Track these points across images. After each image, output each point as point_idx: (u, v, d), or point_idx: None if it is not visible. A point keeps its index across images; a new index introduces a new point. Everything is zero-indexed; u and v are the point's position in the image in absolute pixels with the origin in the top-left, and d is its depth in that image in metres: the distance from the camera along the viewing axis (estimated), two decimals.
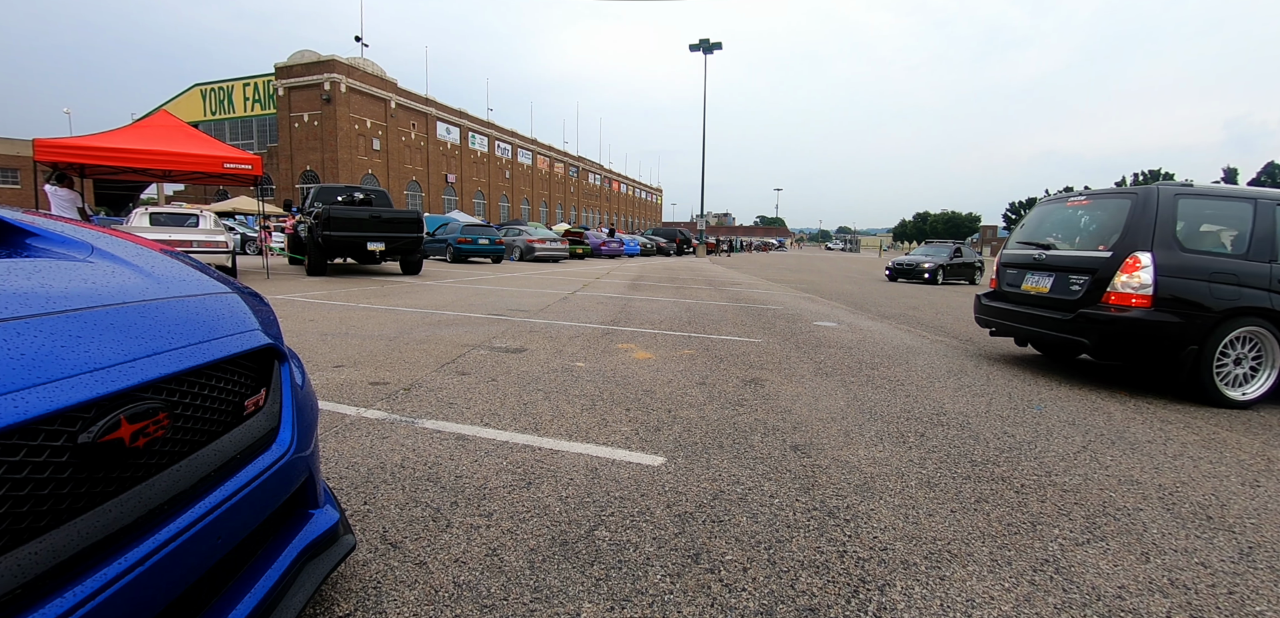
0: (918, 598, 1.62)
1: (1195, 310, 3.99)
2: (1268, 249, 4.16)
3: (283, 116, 43.29)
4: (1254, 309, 4.01)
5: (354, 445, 2.58)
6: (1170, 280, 4.04)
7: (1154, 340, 4.03)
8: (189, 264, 1.31)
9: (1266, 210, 4.25)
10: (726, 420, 3.12)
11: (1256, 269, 4.09)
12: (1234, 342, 4.06)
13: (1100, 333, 4.18)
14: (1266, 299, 4.05)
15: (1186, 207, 4.31)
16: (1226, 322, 3.99)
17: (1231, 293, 4.02)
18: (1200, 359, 3.98)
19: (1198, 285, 4.04)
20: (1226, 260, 4.14)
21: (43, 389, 0.75)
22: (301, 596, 1.15)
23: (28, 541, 0.72)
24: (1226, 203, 4.43)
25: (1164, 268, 4.05)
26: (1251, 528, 2.14)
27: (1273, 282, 4.10)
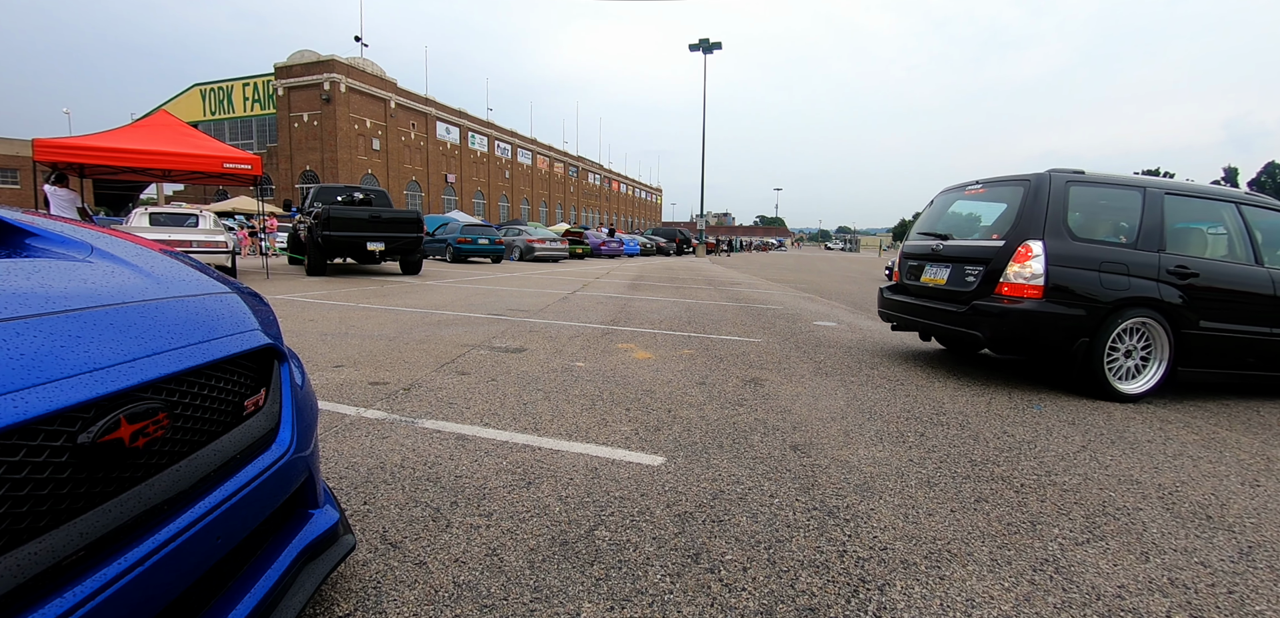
0: (918, 598, 1.62)
1: (1086, 301, 3.91)
2: (1156, 239, 4.10)
3: (282, 116, 43.28)
4: (1143, 300, 3.95)
5: (354, 445, 2.58)
6: (1061, 270, 3.94)
7: (1046, 332, 3.93)
8: (189, 264, 1.31)
9: (1155, 200, 4.19)
10: (726, 420, 3.12)
11: (1145, 259, 4.03)
12: (1124, 333, 3.99)
13: (993, 325, 4.05)
14: (1155, 290, 3.98)
15: (1079, 194, 4.22)
16: (1117, 313, 3.92)
17: (1121, 283, 3.95)
18: (1091, 351, 3.91)
19: (1089, 276, 3.95)
20: (1117, 250, 4.07)
21: (42, 389, 0.75)
22: (301, 596, 1.15)
23: (28, 541, 0.72)
24: (1117, 191, 4.33)
25: (1055, 257, 3.95)
26: (1251, 528, 2.14)
27: (1160, 272, 4.03)
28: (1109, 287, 3.93)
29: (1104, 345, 3.91)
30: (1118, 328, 3.93)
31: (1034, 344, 4.01)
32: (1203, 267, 4.11)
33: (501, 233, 21.18)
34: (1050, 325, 3.90)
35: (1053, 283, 3.92)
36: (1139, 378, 4.03)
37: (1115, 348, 3.99)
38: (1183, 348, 4.01)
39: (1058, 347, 3.95)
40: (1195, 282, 4.04)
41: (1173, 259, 4.06)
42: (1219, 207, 4.41)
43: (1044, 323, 3.91)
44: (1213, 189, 4.52)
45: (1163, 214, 4.15)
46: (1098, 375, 3.92)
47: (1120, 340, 3.99)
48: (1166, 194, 4.23)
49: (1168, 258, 4.06)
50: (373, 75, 44.31)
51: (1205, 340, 4.05)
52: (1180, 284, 4.02)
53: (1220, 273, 4.15)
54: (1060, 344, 3.94)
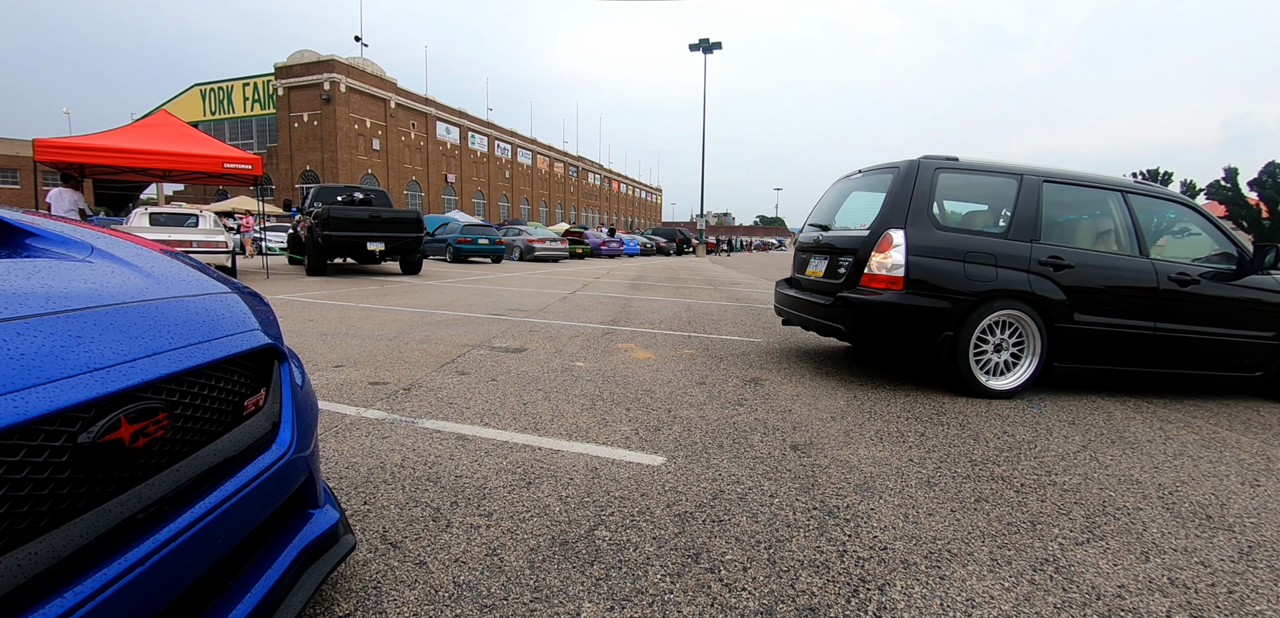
0: (918, 597, 1.62)
1: (949, 293, 3.73)
2: (1029, 228, 3.91)
3: (282, 116, 43.30)
4: (1012, 292, 3.77)
5: (354, 445, 2.58)
6: (922, 261, 3.75)
7: (907, 326, 3.77)
8: (189, 264, 1.31)
9: (1031, 187, 4.00)
10: (726, 420, 3.12)
11: (1017, 250, 3.84)
12: (993, 327, 3.83)
13: (854, 319, 3.89)
14: (1026, 282, 3.80)
15: (948, 182, 4.05)
16: (983, 305, 3.75)
17: (988, 274, 3.76)
18: (956, 346, 3.75)
19: (952, 267, 3.76)
20: (986, 240, 3.89)
21: (42, 389, 0.75)
22: (301, 596, 1.15)
23: (28, 541, 0.72)
24: (992, 179, 4.15)
25: (916, 248, 3.76)
26: (1251, 527, 2.14)
27: (1032, 263, 3.84)
28: (974, 278, 3.75)
29: (969, 340, 3.76)
30: (985, 321, 3.77)
31: (895, 338, 3.85)
32: (1079, 258, 3.93)
33: (501, 233, 21.19)
34: (910, 318, 3.74)
35: (913, 274, 3.73)
36: (1010, 374, 3.88)
37: (984, 342, 3.84)
38: (1057, 342, 3.85)
39: (920, 341, 3.79)
40: (1071, 274, 3.87)
41: (1046, 250, 3.88)
42: (1105, 195, 4.23)
43: (904, 316, 3.74)
44: (1097, 177, 4.29)
45: (1039, 203, 3.96)
46: (963, 371, 3.77)
47: (989, 334, 3.84)
48: (1045, 182, 4.04)
49: (1041, 249, 3.88)
50: (373, 75, 44.32)
51: (1082, 335, 3.88)
52: (1054, 276, 3.85)
53: (1098, 265, 3.98)
54: (922, 338, 3.77)
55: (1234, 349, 4.08)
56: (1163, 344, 3.99)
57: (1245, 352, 4.10)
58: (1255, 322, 4.08)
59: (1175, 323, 3.99)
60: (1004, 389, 3.82)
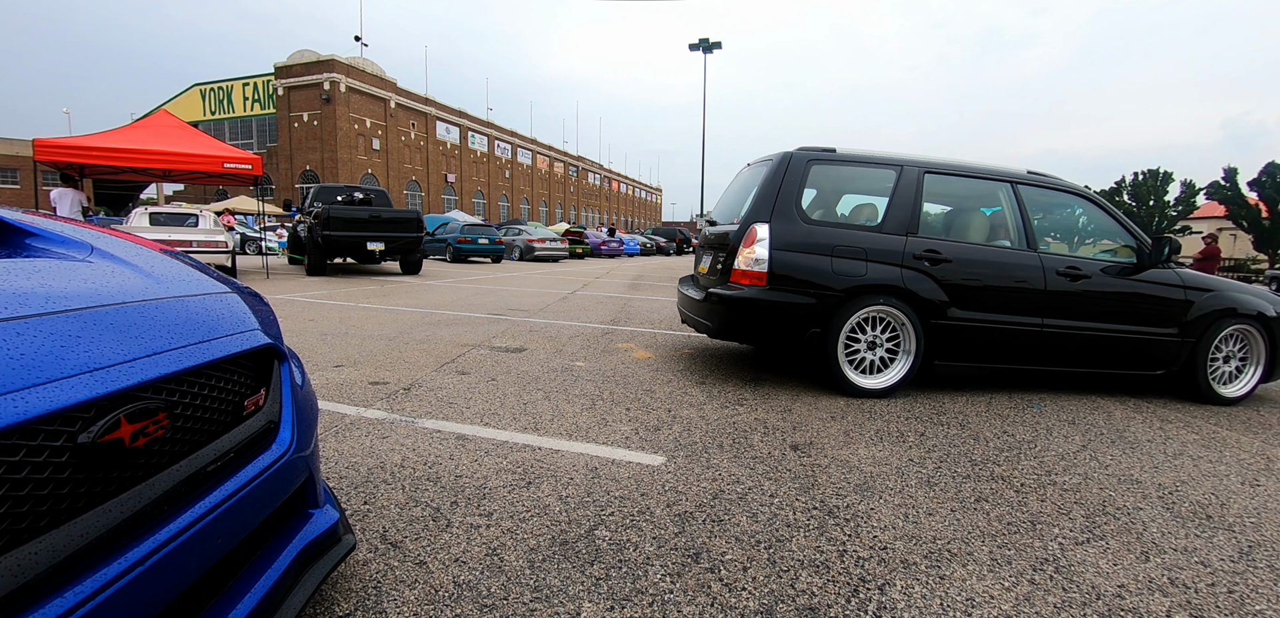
0: (918, 597, 1.62)
1: (816, 289, 3.60)
2: (905, 221, 3.76)
3: (282, 116, 43.29)
4: (884, 288, 3.63)
5: (354, 445, 2.58)
6: (787, 255, 3.62)
7: (771, 322, 3.64)
8: (189, 264, 1.31)
9: (910, 179, 3.84)
10: (726, 420, 3.12)
11: (890, 243, 3.70)
12: (866, 323, 3.70)
13: (720, 315, 3.75)
14: (898, 276, 3.64)
15: (821, 174, 3.92)
16: (852, 301, 3.61)
17: (857, 269, 3.62)
18: (825, 343, 3.62)
19: (819, 261, 3.62)
20: (857, 233, 3.75)
21: (42, 389, 0.75)
22: (301, 596, 1.15)
23: (28, 541, 0.72)
24: (870, 170, 4.00)
25: (781, 242, 3.63)
26: (1251, 527, 2.14)
27: (907, 258, 3.68)
28: (842, 273, 3.61)
29: (839, 336, 3.62)
30: (855, 317, 3.64)
31: (760, 334, 3.73)
32: (958, 252, 3.78)
33: (501, 233, 21.18)
34: (774, 314, 3.63)
35: (777, 269, 3.61)
36: (886, 371, 3.75)
37: (856, 339, 3.71)
38: (935, 339, 3.72)
39: (786, 337, 3.67)
40: (948, 268, 3.72)
41: (922, 244, 3.73)
42: (993, 186, 4.07)
43: (767, 312, 3.63)
44: (986, 167, 4.09)
45: (918, 194, 3.81)
46: (834, 369, 3.65)
47: (862, 331, 3.71)
48: (927, 172, 3.88)
49: (916, 242, 3.73)
50: (373, 75, 44.31)
51: (962, 331, 3.74)
52: (930, 271, 3.70)
53: (978, 259, 3.81)
54: (789, 335, 3.66)
55: (1133, 346, 3.94)
56: (1053, 341, 3.85)
57: (1146, 349, 3.95)
58: (1156, 318, 3.95)
59: (1066, 319, 3.85)
60: (876, 388, 3.67)
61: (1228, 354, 4.10)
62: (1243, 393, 4.06)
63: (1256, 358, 4.10)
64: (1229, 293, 4.04)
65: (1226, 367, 4.10)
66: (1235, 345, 4.11)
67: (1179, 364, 4.00)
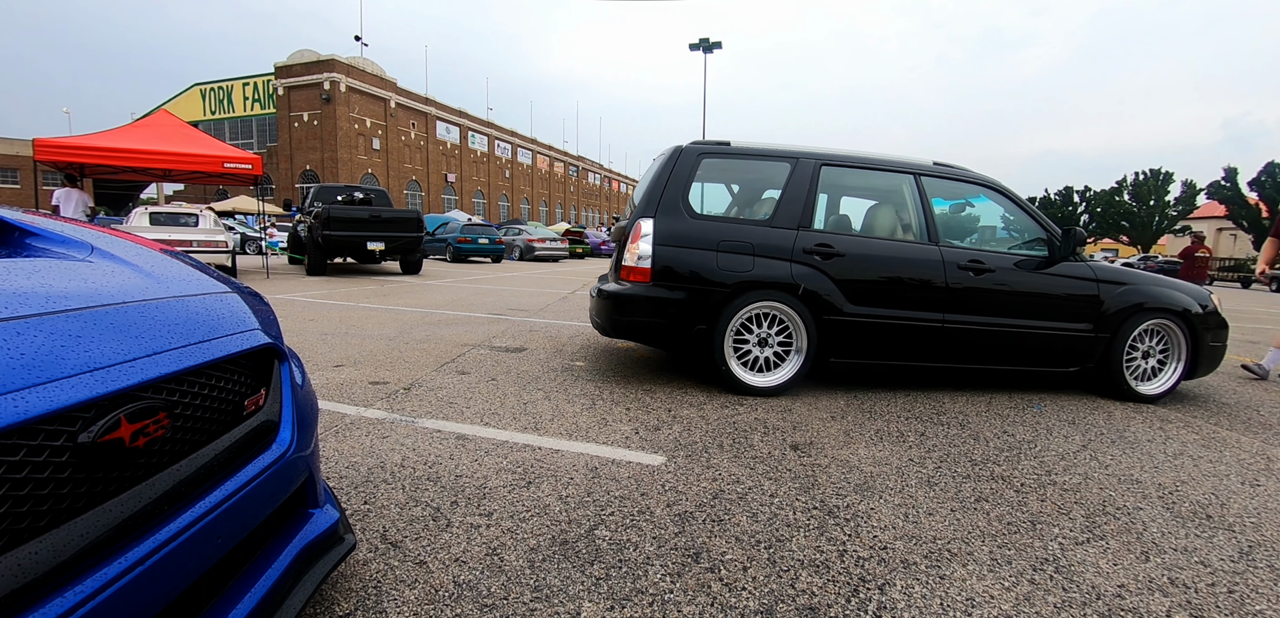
0: (918, 597, 1.62)
1: (700, 284, 3.50)
2: (796, 214, 3.65)
3: (282, 116, 43.28)
4: (772, 283, 3.52)
5: (354, 445, 2.58)
6: (670, 251, 3.53)
7: (655, 318, 3.55)
8: (189, 264, 1.31)
9: (805, 171, 3.72)
10: (726, 419, 3.12)
11: (779, 238, 3.59)
12: (756, 320, 3.60)
13: (607, 314, 3.65)
14: (787, 271, 3.53)
15: (711, 167, 3.82)
16: (740, 297, 3.52)
17: (744, 264, 3.52)
18: (711, 339, 3.54)
19: (703, 256, 3.52)
20: (744, 228, 3.64)
21: (42, 389, 0.75)
22: (301, 595, 1.15)
23: (28, 540, 0.72)
24: (765, 163, 3.90)
25: (665, 237, 3.54)
26: (1251, 527, 2.14)
27: (796, 252, 3.58)
28: (728, 268, 3.52)
29: (725, 333, 3.53)
30: (742, 314, 3.55)
31: (646, 332, 3.63)
32: (851, 246, 3.68)
33: (501, 232, 21.19)
34: (658, 311, 3.53)
35: (660, 265, 3.52)
36: (779, 369, 3.65)
37: (745, 336, 3.62)
38: (829, 336, 3.61)
39: (672, 334, 3.58)
40: (841, 263, 3.62)
41: (813, 237, 3.63)
42: (896, 178, 3.95)
43: (651, 308, 3.53)
44: (887, 158, 3.97)
45: (813, 187, 3.70)
46: (722, 367, 3.56)
47: (752, 327, 3.61)
48: (823, 165, 3.78)
49: (807, 236, 3.63)
50: (373, 75, 44.30)
51: (856, 328, 3.62)
52: (822, 265, 3.60)
53: (873, 253, 3.70)
54: (674, 332, 3.57)
55: (1044, 342, 3.82)
56: (956, 337, 3.73)
57: (1058, 345, 3.83)
58: (1067, 313, 3.84)
59: (970, 315, 3.73)
60: (767, 386, 3.58)
61: (1147, 350, 3.98)
62: (1162, 390, 3.94)
63: (1177, 354, 3.98)
64: (1143, 287, 3.92)
65: (1146, 363, 3.99)
66: (1155, 342, 3.99)
67: (1094, 361, 3.89)
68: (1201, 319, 3.92)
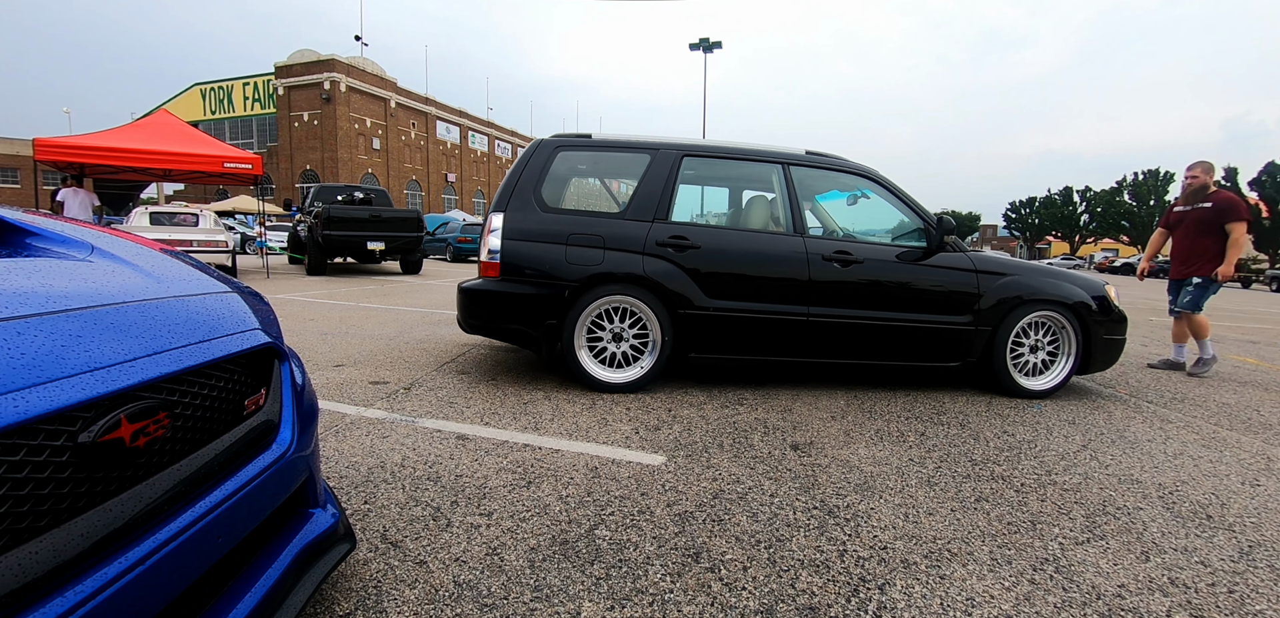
0: (918, 597, 1.62)
1: (549, 278, 3.43)
2: (652, 206, 3.56)
3: (282, 116, 43.29)
4: (623, 277, 3.43)
5: (354, 445, 2.58)
6: (519, 245, 3.47)
7: (503, 314, 3.49)
8: (189, 263, 1.31)
9: (664, 162, 3.63)
10: (726, 419, 3.12)
11: (632, 230, 3.50)
12: (609, 314, 3.51)
13: (462, 309, 3.59)
14: (639, 264, 3.44)
15: (568, 160, 3.75)
16: (590, 291, 3.44)
17: (594, 258, 3.43)
18: (561, 335, 3.46)
19: (552, 251, 3.44)
20: (595, 220, 3.55)
21: (43, 389, 0.75)
22: (301, 595, 1.15)
23: (28, 540, 0.72)
24: (625, 155, 3.80)
25: (514, 231, 3.48)
26: (1252, 527, 2.14)
27: (648, 245, 3.48)
28: (577, 262, 3.43)
29: (575, 328, 3.46)
30: (594, 308, 3.46)
31: (498, 327, 3.56)
32: (708, 238, 3.58)
33: None
34: (505, 306, 3.48)
35: (508, 259, 3.46)
36: (634, 364, 3.56)
37: (598, 331, 3.53)
38: (686, 331, 3.52)
39: (522, 329, 3.51)
40: (697, 255, 3.52)
41: (667, 230, 3.52)
42: (765, 168, 3.84)
43: (501, 304, 3.47)
44: (755, 148, 3.85)
45: (671, 178, 3.61)
46: (571, 362, 3.49)
47: (606, 322, 3.52)
48: (686, 155, 3.68)
49: (662, 228, 3.52)
50: (373, 75, 44.31)
51: (714, 322, 3.53)
52: (676, 258, 3.49)
53: (730, 245, 3.60)
54: (523, 326, 3.49)
55: (920, 336, 3.70)
56: (822, 332, 3.62)
57: (935, 339, 3.71)
58: (944, 305, 3.72)
59: (837, 308, 3.62)
60: (621, 382, 3.50)
61: (1034, 344, 3.87)
62: (1050, 386, 3.83)
63: (1067, 348, 3.86)
64: (1025, 279, 3.79)
65: (1033, 357, 3.87)
66: (1043, 335, 3.87)
67: (976, 355, 3.77)
68: (1094, 313, 3.82)
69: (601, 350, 3.57)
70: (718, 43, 32.50)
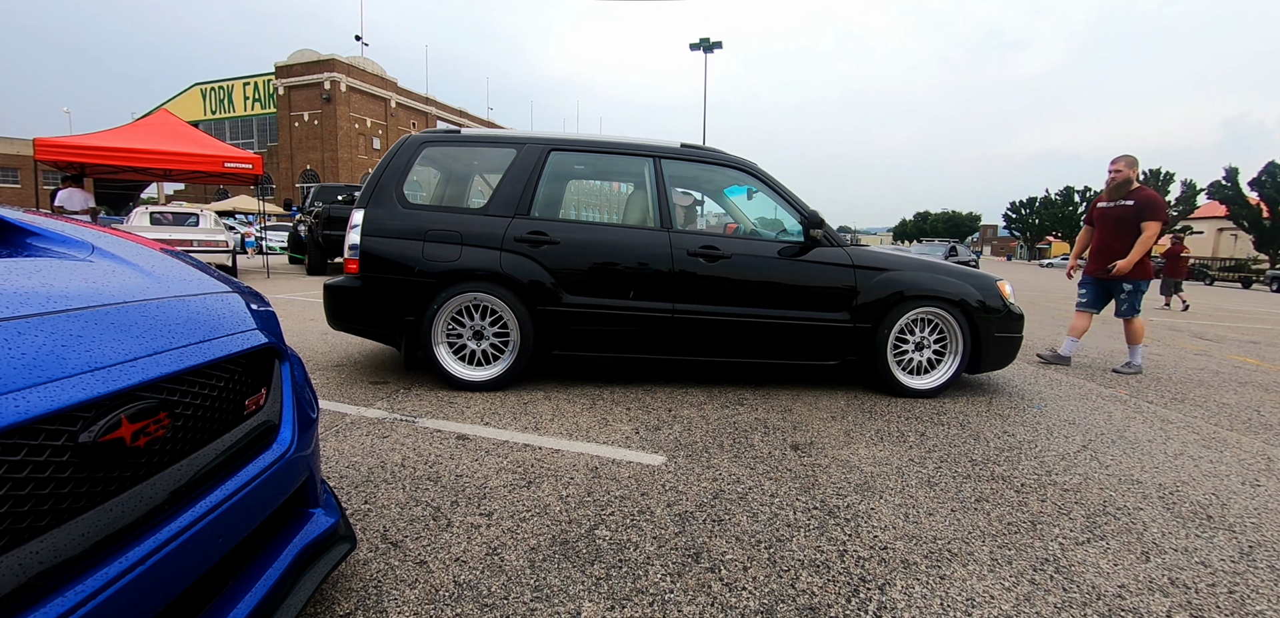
0: (918, 597, 1.62)
1: (405, 275, 3.42)
2: (514, 201, 3.52)
3: (283, 116, 43.30)
4: (480, 273, 3.41)
5: (354, 445, 2.58)
6: (378, 242, 3.44)
7: (363, 310, 3.47)
8: (189, 263, 1.31)
9: (529, 157, 3.58)
10: (726, 419, 3.12)
11: (491, 226, 3.47)
12: (466, 310, 3.49)
13: (326, 306, 3.56)
14: (496, 260, 3.41)
15: (432, 156, 3.75)
16: (447, 287, 3.41)
17: (450, 254, 3.41)
18: (418, 331, 3.44)
19: (409, 247, 3.42)
20: (453, 216, 3.53)
21: (43, 389, 0.75)
22: (302, 595, 1.15)
23: (28, 540, 0.72)
24: (491, 151, 3.77)
25: (373, 228, 3.45)
26: (1252, 527, 2.14)
27: (506, 240, 3.44)
28: (434, 259, 3.41)
29: (432, 324, 3.44)
30: (452, 305, 3.44)
31: (358, 323, 3.55)
32: (567, 233, 3.51)
33: None
34: (365, 303, 3.46)
35: (367, 256, 3.45)
36: (496, 362, 3.52)
37: (456, 327, 3.50)
38: (547, 328, 3.48)
39: (380, 326, 3.51)
40: (556, 251, 3.47)
41: (526, 225, 3.48)
42: (638, 162, 3.78)
43: (361, 300, 3.46)
44: (626, 141, 3.78)
45: (535, 173, 3.56)
46: (431, 360, 3.46)
47: (463, 319, 3.50)
48: (553, 150, 3.63)
49: (521, 224, 3.48)
50: (373, 75, 44.32)
51: (575, 318, 3.48)
52: (533, 254, 3.45)
53: (591, 240, 3.54)
54: (382, 323, 3.49)
55: (793, 333, 3.62)
56: (688, 329, 3.55)
57: (810, 336, 3.63)
58: (819, 302, 3.63)
59: (704, 304, 3.55)
60: (480, 380, 3.46)
61: (920, 341, 3.76)
62: (935, 385, 3.72)
63: (954, 346, 3.74)
64: (906, 275, 3.69)
65: (919, 355, 3.77)
66: (929, 333, 3.77)
67: (855, 352, 3.68)
68: (982, 310, 3.72)
69: (463, 348, 3.53)
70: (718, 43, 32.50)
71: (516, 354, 3.49)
